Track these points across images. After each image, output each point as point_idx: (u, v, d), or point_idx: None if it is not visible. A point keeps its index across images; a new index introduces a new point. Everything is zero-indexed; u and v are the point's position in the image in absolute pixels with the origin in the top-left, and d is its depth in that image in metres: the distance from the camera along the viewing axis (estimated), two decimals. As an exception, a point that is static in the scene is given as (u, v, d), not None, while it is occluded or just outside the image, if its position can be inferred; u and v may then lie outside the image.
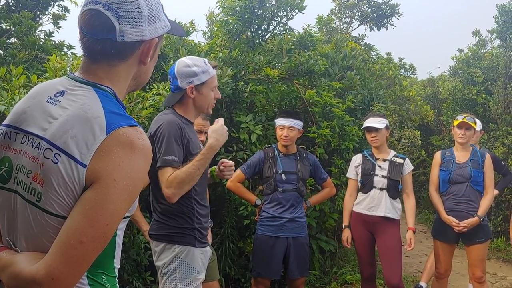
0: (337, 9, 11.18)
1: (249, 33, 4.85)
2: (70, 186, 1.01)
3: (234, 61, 4.40)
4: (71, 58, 3.96)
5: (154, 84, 3.78)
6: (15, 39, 4.91)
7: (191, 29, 5.22)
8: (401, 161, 3.73)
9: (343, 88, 4.88)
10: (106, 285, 1.14)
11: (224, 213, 4.23)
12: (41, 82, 3.10)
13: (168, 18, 1.23)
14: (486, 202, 3.70)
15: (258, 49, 4.81)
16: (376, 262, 3.95)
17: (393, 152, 3.83)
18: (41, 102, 1.12)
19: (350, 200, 3.90)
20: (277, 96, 4.77)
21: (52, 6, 5.51)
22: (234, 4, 4.67)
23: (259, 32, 4.95)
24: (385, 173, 3.68)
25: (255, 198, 3.55)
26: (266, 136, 4.32)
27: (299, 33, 5.09)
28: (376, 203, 3.68)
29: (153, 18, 1.14)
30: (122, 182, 1.01)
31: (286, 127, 3.48)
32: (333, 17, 10.79)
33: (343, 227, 3.87)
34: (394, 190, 3.68)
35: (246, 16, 4.67)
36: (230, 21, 4.69)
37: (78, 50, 4.99)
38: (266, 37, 5.08)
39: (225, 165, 2.52)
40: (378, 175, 3.69)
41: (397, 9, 10.25)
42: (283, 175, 3.46)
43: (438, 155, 3.93)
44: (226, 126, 2.36)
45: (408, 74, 11.02)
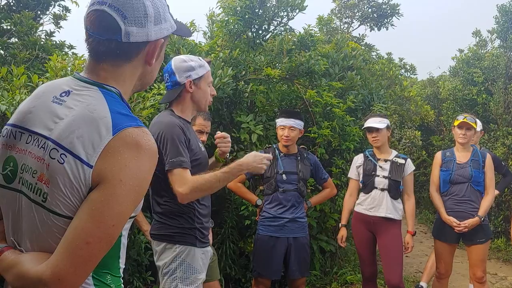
0: (337, 9, 11.16)
1: (249, 33, 4.85)
2: (76, 187, 1.01)
3: (234, 61, 4.40)
4: (72, 58, 3.96)
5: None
6: (16, 39, 4.90)
7: (192, 29, 5.23)
8: (402, 161, 3.72)
9: (344, 88, 4.89)
10: (111, 285, 1.14)
11: (224, 213, 4.23)
12: (42, 82, 3.10)
13: (174, 19, 1.23)
14: (486, 203, 3.70)
15: (258, 49, 4.82)
16: (377, 262, 3.95)
17: (394, 152, 3.83)
18: (46, 102, 1.12)
19: (350, 200, 3.91)
20: (277, 96, 4.76)
21: (53, 6, 5.50)
22: (235, 4, 4.67)
23: (260, 32, 4.95)
24: (386, 173, 3.68)
25: (256, 198, 3.54)
26: (267, 136, 4.32)
27: (300, 33, 5.10)
28: (377, 204, 3.68)
29: (159, 19, 1.14)
30: (129, 183, 1.01)
31: (287, 127, 3.47)
32: (333, 17, 10.76)
33: (340, 226, 3.88)
34: (395, 190, 3.68)
35: (246, 16, 4.67)
36: (231, 21, 4.69)
37: (79, 50, 4.99)
38: (267, 37, 5.08)
39: (217, 136, 2.47)
40: (379, 176, 3.70)
41: (397, 9, 10.22)
42: (284, 175, 3.46)
43: (438, 155, 3.92)
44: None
45: (408, 74, 11.03)
